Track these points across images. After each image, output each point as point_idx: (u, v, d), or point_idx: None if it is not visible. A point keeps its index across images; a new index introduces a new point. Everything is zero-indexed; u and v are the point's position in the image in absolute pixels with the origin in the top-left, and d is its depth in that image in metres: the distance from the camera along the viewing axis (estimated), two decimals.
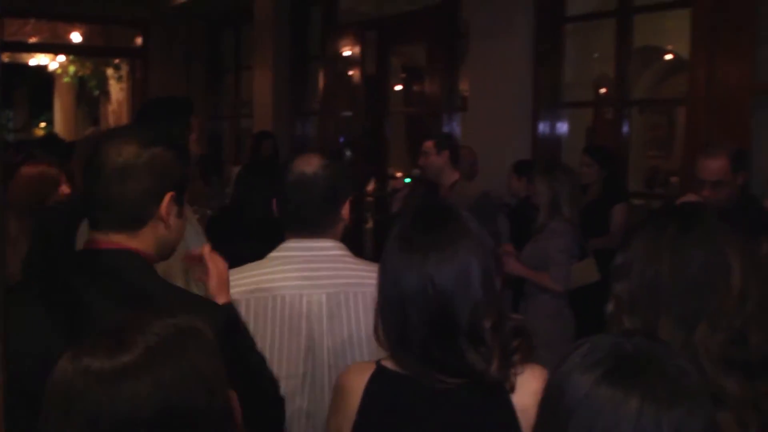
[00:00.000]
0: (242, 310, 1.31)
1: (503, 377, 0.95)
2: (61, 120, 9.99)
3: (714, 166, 2.54)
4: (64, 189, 2.61)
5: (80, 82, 8.97)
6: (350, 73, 5.93)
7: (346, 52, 5.87)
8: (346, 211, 1.46)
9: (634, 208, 4.10)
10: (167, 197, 1.01)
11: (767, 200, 2.57)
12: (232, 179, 3.88)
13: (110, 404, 0.60)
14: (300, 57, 6.30)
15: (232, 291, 1.23)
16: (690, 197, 2.65)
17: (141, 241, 1.02)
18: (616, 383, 0.57)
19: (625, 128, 4.22)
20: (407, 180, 4.03)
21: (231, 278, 1.25)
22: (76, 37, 7.92)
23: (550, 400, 0.65)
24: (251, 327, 1.28)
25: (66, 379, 0.62)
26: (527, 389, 0.93)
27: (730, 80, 3.25)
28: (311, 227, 1.41)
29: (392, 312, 0.98)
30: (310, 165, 1.40)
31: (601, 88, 5.56)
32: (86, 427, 0.60)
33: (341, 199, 1.43)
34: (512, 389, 0.94)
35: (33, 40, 7.78)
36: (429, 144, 3.50)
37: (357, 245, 5.19)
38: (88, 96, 9.27)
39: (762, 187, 2.81)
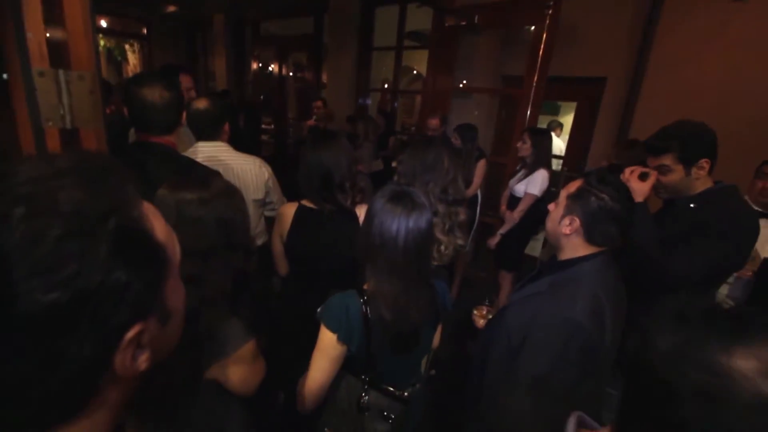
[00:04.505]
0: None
1: (353, 208, 1.39)
2: None
3: (434, 122, 3.62)
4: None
5: (108, 51, 9.37)
6: (267, 65, 7.62)
7: (265, 54, 7.57)
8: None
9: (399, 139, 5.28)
10: (183, 114, 1.40)
11: (454, 140, 3.28)
12: None
13: (204, 213, 0.84)
14: (240, 51, 7.71)
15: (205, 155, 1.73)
16: (422, 135, 3.59)
17: (172, 138, 1.37)
18: (392, 202, 0.90)
19: (396, 104, 6.08)
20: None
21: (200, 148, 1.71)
22: (104, 23, 8.52)
23: (367, 213, 0.97)
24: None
25: (167, 201, 0.83)
26: (362, 212, 1.30)
27: (441, 85, 4.13)
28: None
29: (313, 178, 1.37)
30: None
31: (386, 84, 7.09)
32: (190, 224, 0.79)
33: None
34: (357, 213, 1.36)
35: None
36: (319, 103, 5.07)
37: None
38: (114, 60, 9.64)
39: (450, 130, 3.61)
